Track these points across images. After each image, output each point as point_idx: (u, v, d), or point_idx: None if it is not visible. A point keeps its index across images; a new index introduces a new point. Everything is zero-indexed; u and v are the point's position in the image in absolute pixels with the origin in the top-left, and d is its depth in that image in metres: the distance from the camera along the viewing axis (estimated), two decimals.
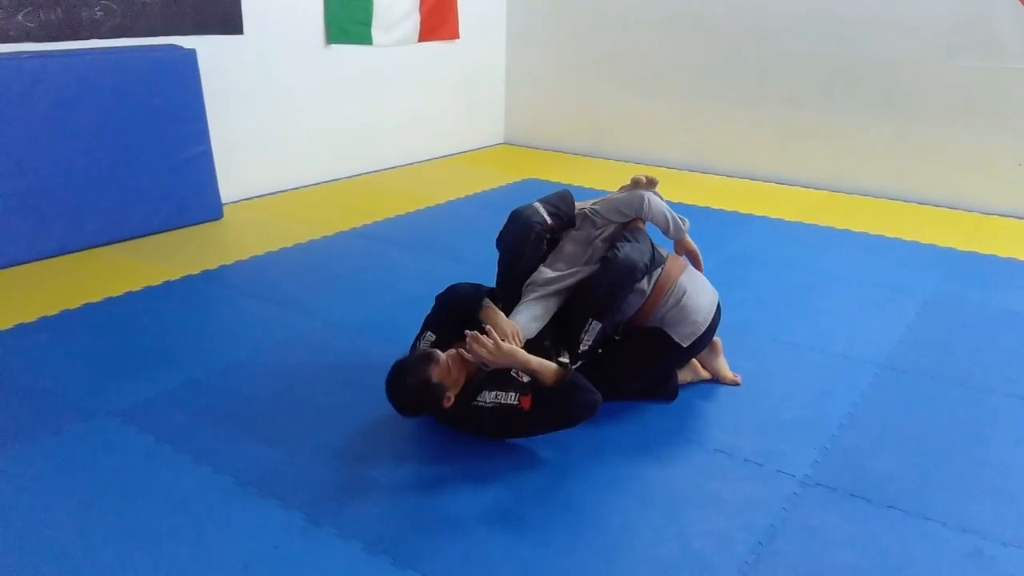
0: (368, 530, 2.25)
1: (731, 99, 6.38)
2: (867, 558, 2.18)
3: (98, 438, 2.67)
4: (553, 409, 2.52)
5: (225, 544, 2.19)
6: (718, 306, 2.94)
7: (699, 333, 2.82)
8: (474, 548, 2.20)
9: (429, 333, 2.80)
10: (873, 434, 2.78)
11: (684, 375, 3.05)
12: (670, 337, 2.80)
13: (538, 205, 2.97)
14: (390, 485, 2.47)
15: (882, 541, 2.25)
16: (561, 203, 3.03)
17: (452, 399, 2.57)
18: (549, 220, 2.94)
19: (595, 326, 2.72)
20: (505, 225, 2.96)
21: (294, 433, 2.72)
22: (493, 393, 2.53)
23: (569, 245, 2.94)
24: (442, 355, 2.58)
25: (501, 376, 2.56)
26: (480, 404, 2.54)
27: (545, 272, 2.86)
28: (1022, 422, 2.89)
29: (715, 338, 3.03)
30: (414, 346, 2.81)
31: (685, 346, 2.81)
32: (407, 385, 2.55)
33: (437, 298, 2.89)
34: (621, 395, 2.87)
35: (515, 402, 2.50)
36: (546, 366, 2.56)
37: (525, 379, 2.55)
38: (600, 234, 2.94)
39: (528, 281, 2.87)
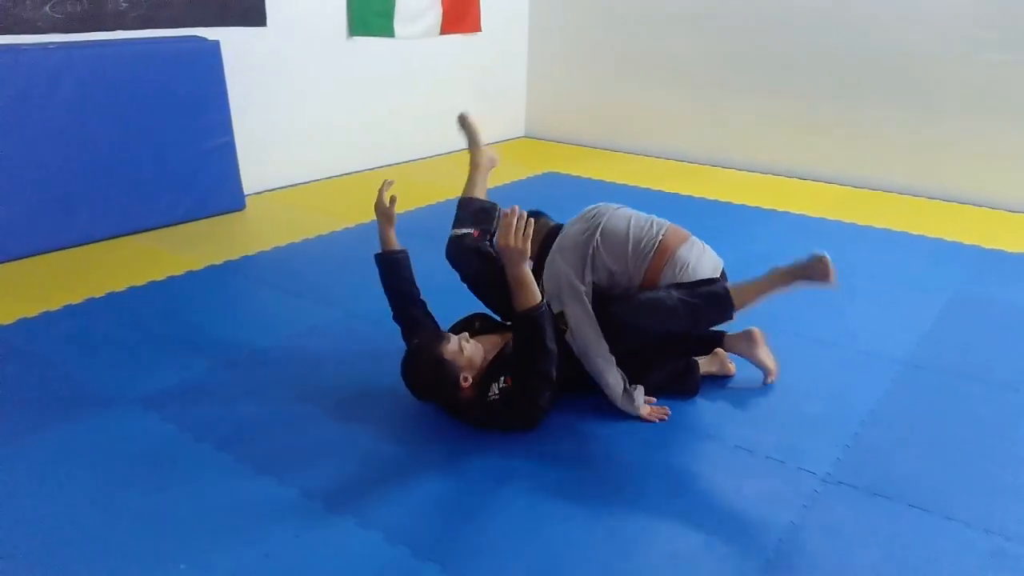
0: (388, 520, 2.26)
1: (751, 93, 6.34)
2: (888, 557, 2.17)
3: (121, 425, 2.69)
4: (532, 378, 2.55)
5: (246, 532, 2.20)
6: (723, 272, 2.89)
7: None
8: (493, 540, 2.20)
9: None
10: (896, 432, 2.76)
11: (709, 366, 3.04)
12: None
13: (455, 229, 3.10)
14: (411, 476, 2.47)
15: (904, 540, 2.24)
16: (479, 215, 3.13)
17: (470, 380, 2.56)
18: (474, 231, 3.03)
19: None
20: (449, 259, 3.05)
21: (315, 422, 2.74)
22: (502, 379, 2.55)
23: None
24: (454, 336, 2.60)
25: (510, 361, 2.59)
26: (492, 398, 2.55)
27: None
28: None
29: (754, 329, 3.04)
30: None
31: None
32: (419, 362, 2.58)
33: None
34: (647, 383, 2.84)
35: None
36: (532, 290, 2.52)
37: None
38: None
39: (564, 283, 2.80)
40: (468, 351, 2.59)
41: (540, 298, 2.54)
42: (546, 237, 2.98)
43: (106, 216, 4.44)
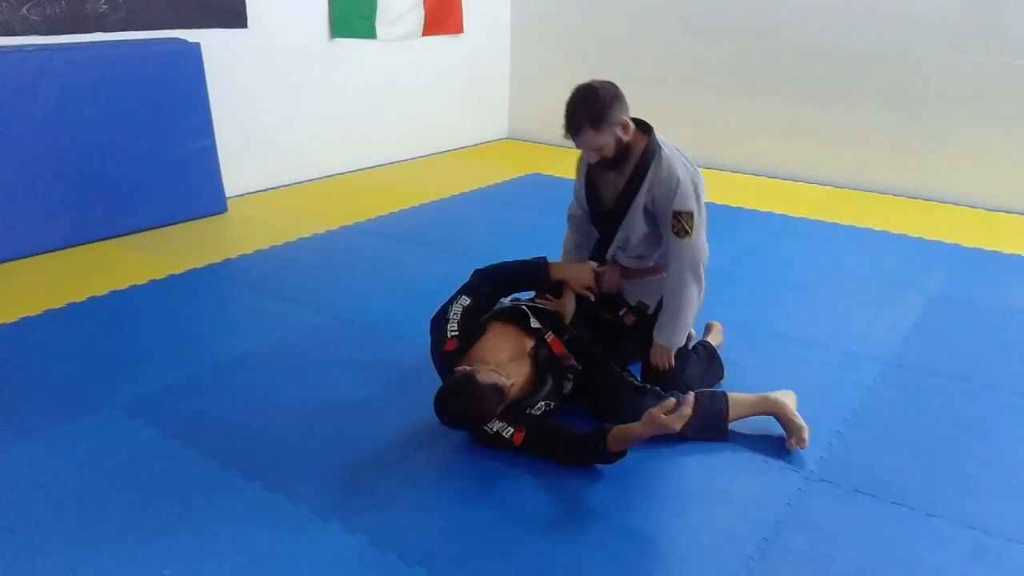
0: (374, 524, 2.25)
1: (737, 94, 6.37)
2: (872, 554, 2.18)
3: (105, 431, 2.67)
4: (537, 452, 2.53)
5: (231, 537, 2.19)
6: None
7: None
8: (480, 544, 2.20)
9: (464, 297, 2.70)
10: (878, 431, 2.78)
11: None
12: None
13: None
14: (397, 480, 2.47)
15: (887, 537, 2.25)
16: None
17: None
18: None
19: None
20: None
21: (301, 427, 2.73)
22: (500, 424, 2.51)
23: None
24: (507, 389, 2.50)
25: (518, 413, 2.55)
26: (486, 429, 2.53)
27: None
28: None
29: (715, 323, 3.20)
30: (446, 309, 2.71)
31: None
32: (471, 407, 2.45)
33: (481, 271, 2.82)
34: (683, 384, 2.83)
35: (508, 436, 2.50)
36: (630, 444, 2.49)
37: (540, 411, 2.59)
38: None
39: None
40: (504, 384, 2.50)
41: (623, 455, 2.48)
42: None
43: (87, 220, 4.40)
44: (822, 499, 2.41)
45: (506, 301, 2.91)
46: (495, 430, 2.51)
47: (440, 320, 2.70)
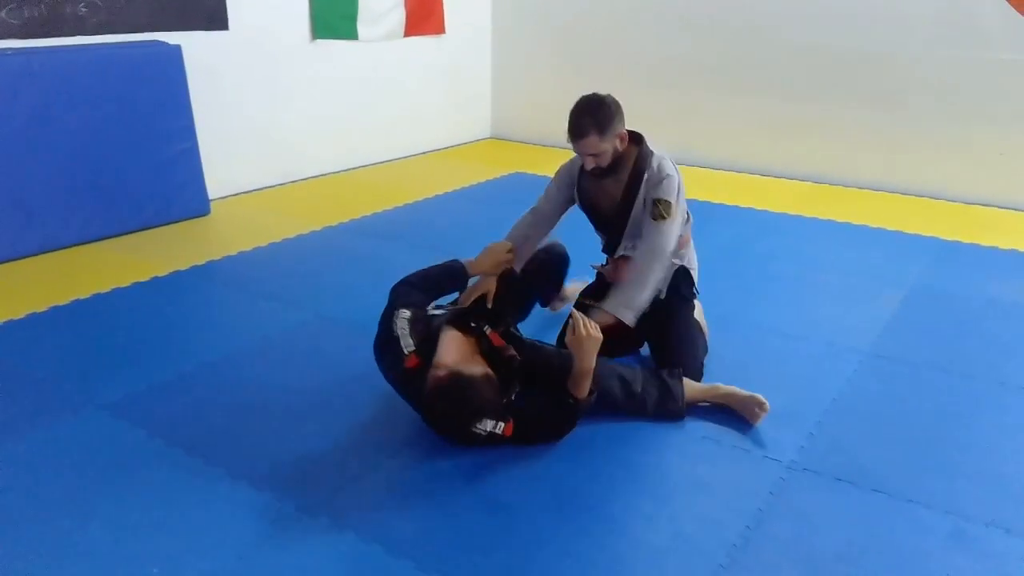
0: (361, 520, 2.27)
1: (719, 91, 6.41)
2: (854, 540, 2.22)
3: (90, 432, 2.68)
4: (527, 438, 2.57)
5: (219, 534, 2.20)
6: None
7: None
8: (466, 536, 2.22)
9: (402, 311, 2.63)
10: (858, 420, 2.82)
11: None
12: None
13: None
14: (383, 475, 2.49)
15: (868, 523, 2.29)
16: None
17: None
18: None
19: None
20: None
21: (287, 425, 2.74)
22: (492, 424, 2.44)
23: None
24: (493, 376, 2.48)
25: (502, 408, 2.51)
26: (477, 432, 2.44)
27: None
28: (1005, 407, 2.93)
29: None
30: (389, 329, 2.63)
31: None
32: (472, 403, 2.39)
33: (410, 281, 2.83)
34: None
35: (500, 431, 2.45)
36: (589, 383, 2.56)
37: (513, 402, 2.56)
38: None
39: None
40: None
41: (593, 392, 2.56)
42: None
43: (68, 223, 4.39)
44: (804, 487, 2.45)
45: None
46: (488, 430, 2.43)
47: (386, 341, 2.61)
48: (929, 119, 5.63)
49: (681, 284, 3.12)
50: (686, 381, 2.84)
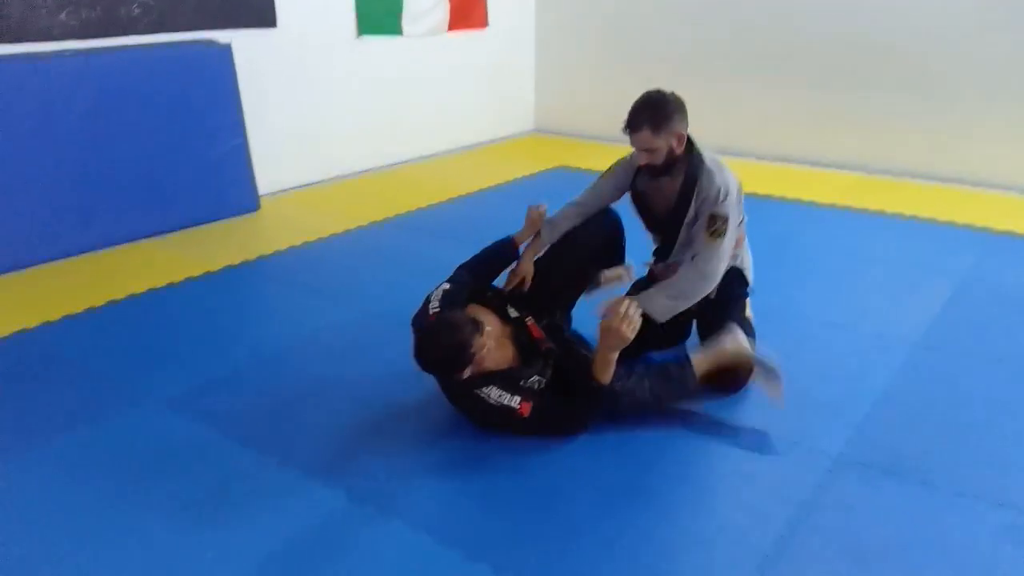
0: (409, 509, 2.31)
1: (761, 82, 6.35)
2: (901, 533, 2.21)
3: (148, 424, 2.76)
4: (546, 422, 2.59)
5: (270, 525, 2.26)
6: None
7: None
8: (513, 527, 2.25)
9: (444, 283, 2.84)
10: (907, 412, 2.80)
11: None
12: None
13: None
14: (430, 466, 2.53)
15: (916, 516, 2.27)
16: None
17: (467, 374, 2.54)
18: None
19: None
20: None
21: (337, 417, 2.79)
22: (498, 392, 2.52)
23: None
24: (488, 329, 2.57)
25: (512, 382, 2.58)
26: (483, 396, 2.53)
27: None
28: None
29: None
30: (427, 300, 2.79)
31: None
32: (442, 341, 2.50)
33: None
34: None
35: (516, 405, 2.51)
36: (611, 371, 2.58)
37: (535, 387, 2.60)
38: None
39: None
40: (493, 352, 2.58)
41: (609, 379, 2.58)
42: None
43: (122, 221, 4.51)
44: (852, 480, 2.43)
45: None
46: (495, 398, 2.51)
47: (421, 311, 2.77)
48: (978, 106, 5.51)
49: (734, 282, 3.06)
50: (694, 358, 2.81)
